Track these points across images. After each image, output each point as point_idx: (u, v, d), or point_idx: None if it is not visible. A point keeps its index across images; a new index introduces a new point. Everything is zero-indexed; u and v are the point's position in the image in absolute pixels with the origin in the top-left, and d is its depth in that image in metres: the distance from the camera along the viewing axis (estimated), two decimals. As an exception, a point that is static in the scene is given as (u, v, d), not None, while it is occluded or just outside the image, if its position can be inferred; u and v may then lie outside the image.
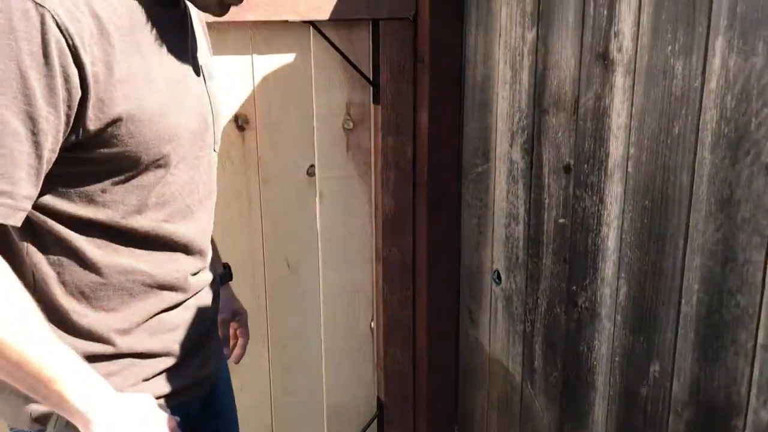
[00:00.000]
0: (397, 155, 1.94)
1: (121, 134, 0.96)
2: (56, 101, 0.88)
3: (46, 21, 0.85)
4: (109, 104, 0.93)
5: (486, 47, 1.75)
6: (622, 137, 1.37)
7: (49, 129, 0.88)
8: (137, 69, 0.96)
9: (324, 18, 1.77)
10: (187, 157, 1.08)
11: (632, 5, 1.31)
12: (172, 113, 1.02)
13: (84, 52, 0.89)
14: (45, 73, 0.86)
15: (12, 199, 0.87)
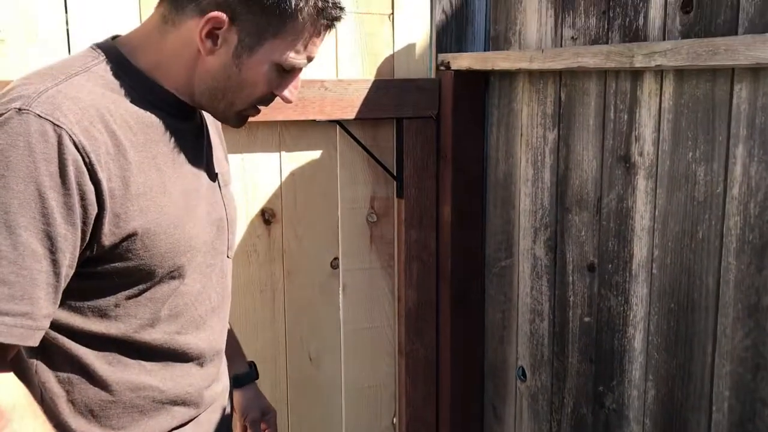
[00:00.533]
0: (420, 248, 1.96)
1: (136, 248, 0.97)
2: (74, 219, 0.90)
3: (64, 140, 0.88)
4: (125, 219, 0.95)
5: (507, 145, 1.79)
6: (646, 239, 1.38)
7: (66, 246, 0.90)
8: (153, 183, 0.99)
9: (350, 117, 1.83)
10: (200, 266, 1.08)
11: (652, 111, 1.34)
12: (187, 224, 1.03)
13: (100, 169, 0.91)
14: (63, 192, 0.88)
15: (32, 320, 0.88)
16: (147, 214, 0.97)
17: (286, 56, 1.03)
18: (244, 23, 1.00)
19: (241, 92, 1.05)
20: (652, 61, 1.22)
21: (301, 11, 1.00)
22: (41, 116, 0.88)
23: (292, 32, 1.01)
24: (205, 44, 1.01)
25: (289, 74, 1.07)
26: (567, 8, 1.53)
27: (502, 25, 1.76)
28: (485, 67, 1.71)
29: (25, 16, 1.52)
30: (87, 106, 0.93)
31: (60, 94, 0.92)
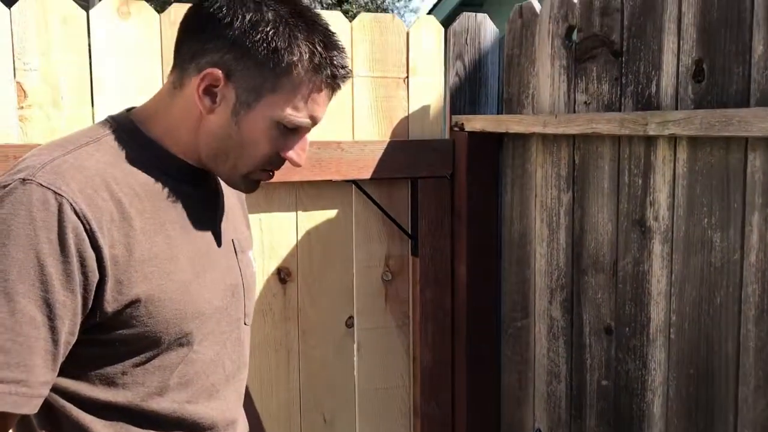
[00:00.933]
0: (435, 307, 1.96)
1: (140, 314, 0.96)
2: (73, 285, 0.90)
3: (64, 208, 0.89)
4: (128, 285, 0.94)
5: (522, 205, 1.80)
6: (663, 303, 1.37)
7: (65, 313, 0.90)
8: (160, 249, 0.98)
9: (366, 177, 1.85)
10: (213, 333, 1.06)
11: (666, 177, 1.35)
12: (196, 290, 1.02)
13: (102, 235, 0.91)
14: (62, 260, 0.89)
15: (27, 387, 0.88)
16: (151, 280, 0.96)
17: (285, 113, 1.00)
18: (240, 79, 0.99)
19: (242, 152, 1.02)
20: (666, 129, 1.24)
21: (296, 66, 0.98)
22: (43, 185, 0.90)
23: (288, 88, 0.99)
24: (204, 102, 1.00)
25: (293, 134, 1.03)
26: (580, 74, 1.56)
27: (515, 88, 1.79)
28: (499, 129, 1.73)
29: (50, 81, 1.56)
30: (92, 174, 0.94)
31: (65, 163, 0.94)
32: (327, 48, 1.00)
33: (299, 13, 1.00)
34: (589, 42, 1.52)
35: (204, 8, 1.01)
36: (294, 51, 0.98)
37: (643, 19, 1.38)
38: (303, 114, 1.01)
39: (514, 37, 1.78)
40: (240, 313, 1.13)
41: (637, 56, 1.40)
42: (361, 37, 1.86)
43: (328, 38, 1.02)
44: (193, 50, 1.01)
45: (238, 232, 1.17)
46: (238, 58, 0.98)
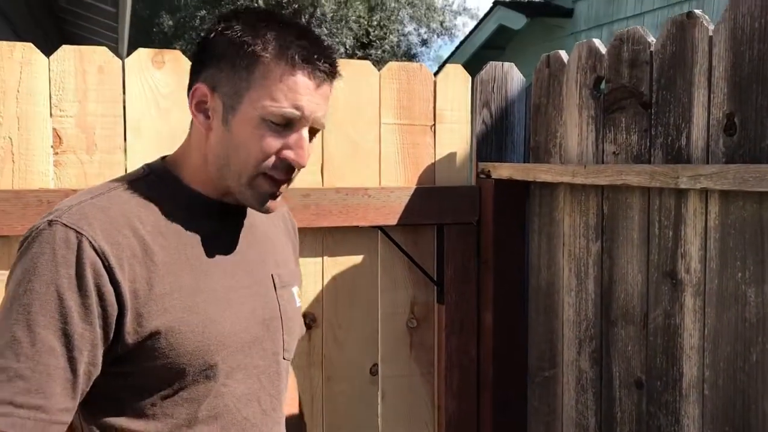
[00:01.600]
0: (461, 355, 1.94)
1: (161, 346, 0.99)
2: (91, 318, 0.95)
3: (83, 246, 0.95)
4: (148, 318, 0.98)
5: (550, 253, 1.79)
6: (696, 358, 1.35)
7: (84, 344, 0.95)
8: (183, 283, 1.02)
9: (392, 223, 1.86)
10: (245, 367, 1.07)
11: (698, 229, 1.34)
12: (220, 323, 1.04)
13: (121, 271, 0.97)
14: (80, 294, 0.94)
15: (45, 413, 0.92)
16: (172, 313, 1.00)
17: (266, 106, 1.01)
18: (222, 87, 1.03)
19: (239, 158, 1.03)
20: (698, 183, 1.24)
21: (262, 54, 1.01)
22: (67, 225, 0.96)
23: (261, 79, 1.01)
24: (200, 119, 1.05)
25: (287, 130, 1.03)
26: (608, 124, 1.56)
27: (542, 136, 1.80)
28: (526, 178, 1.74)
29: (85, 128, 1.60)
30: (116, 215, 1.00)
31: (90, 206, 1.00)
32: (297, 37, 1.02)
33: (275, 19, 1.05)
34: (617, 93, 1.53)
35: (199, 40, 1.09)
36: (258, 42, 1.01)
37: (673, 72, 1.39)
38: (285, 104, 1.01)
39: (542, 86, 1.79)
40: (277, 347, 1.13)
41: (666, 108, 1.40)
42: (389, 86, 1.88)
43: (304, 31, 1.04)
44: (190, 79, 1.08)
45: (280, 267, 1.18)
46: (217, 67, 1.03)
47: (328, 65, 1.04)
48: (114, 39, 6.52)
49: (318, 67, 1.02)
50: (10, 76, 1.54)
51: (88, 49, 1.60)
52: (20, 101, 1.55)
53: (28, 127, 1.56)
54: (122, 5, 4.98)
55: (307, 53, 1.02)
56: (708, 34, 1.31)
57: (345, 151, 1.85)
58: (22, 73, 1.55)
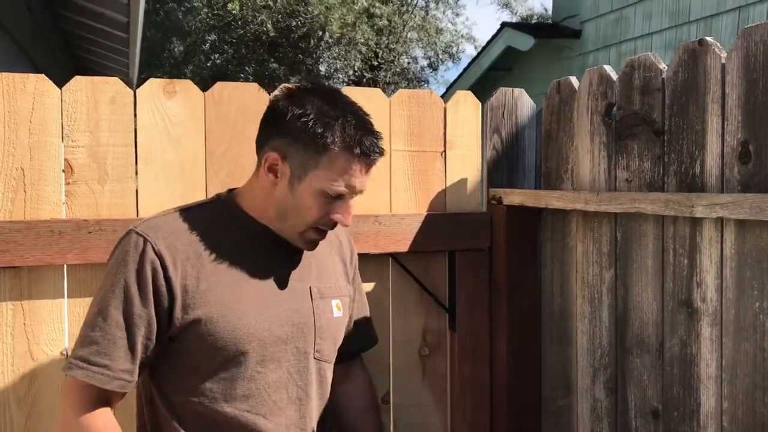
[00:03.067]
0: (474, 383, 1.92)
1: (202, 332, 1.28)
2: (148, 303, 1.27)
3: (147, 248, 1.28)
4: (193, 308, 1.28)
5: (563, 280, 1.77)
6: (714, 388, 1.33)
7: (142, 323, 1.27)
8: (225, 282, 1.30)
9: (403, 250, 1.85)
10: (277, 359, 1.33)
11: (713, 258, 1.32)
12: (253, 319, 1.31)
13: (174, 269, 1.28)
14: (140, 284, 1.26)
15: (110, 371, 1.25)
16: (212, 306, 1.28)
17: (327, 184, 1.29)
18: (293, 159, 1.31)
19: (298, 215, 1.32)
20: (713, 212, 1.22)
21: (331, 145, 1.28)
22: (139, 233, 1.29)
23: (327, 164, 1.29)
24: (269, 177, 1.33)
25: (338, 200, 1.32)
26: (620, 150, 1.55)
27: (553, 162, 1.79)
28: (538, 204, 1.72)
29: (97, 158, 1.60)
30: (178, 227, 1.32)
31: (161, 219, 1.34)
32: (357, 128, 1.30)
33: (335, 103, 1.32)
34: (629, 120, 1.52)
35: (272, 106, 1.36)
36: (329, 135, 1.28)
37: (686, 99, 1.38)
38: (340, 184, 1.30)
39: (552, 112, 1.79)
40: (308, 347, 1.38)
41: (679, 136, 1.39)
42: (399, 113, 1.88)
43: (359, 120, 1.32)
44: (263, 139, 1.36)
45: (322, 281, 1.43)
46: (290, 143, 1.31)
47: (378, 154, 1.32)
48: (125, 64, 6.58)
49: (371, 158, 1.31)
50: (23, 106, 1.54)
51: (100, 80, 1.61)
52: (32, 132, 1.55)
53: (40, 158, 1.56)
54: (133, 31, 5.03)
55: (365, 147, 1.29)
56: (720, 62, 1.30)
57: (355, 178, 1.84)
58: (35, 104, 1.55)
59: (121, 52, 6.07)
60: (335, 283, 1.48)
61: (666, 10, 6.13)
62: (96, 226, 1.55)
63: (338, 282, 1.49)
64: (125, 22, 4.91)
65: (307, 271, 1.41)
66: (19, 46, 4.27)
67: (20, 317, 1.55)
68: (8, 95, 1.53)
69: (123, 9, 4.63)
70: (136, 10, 4.56)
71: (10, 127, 1.54)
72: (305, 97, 1.32)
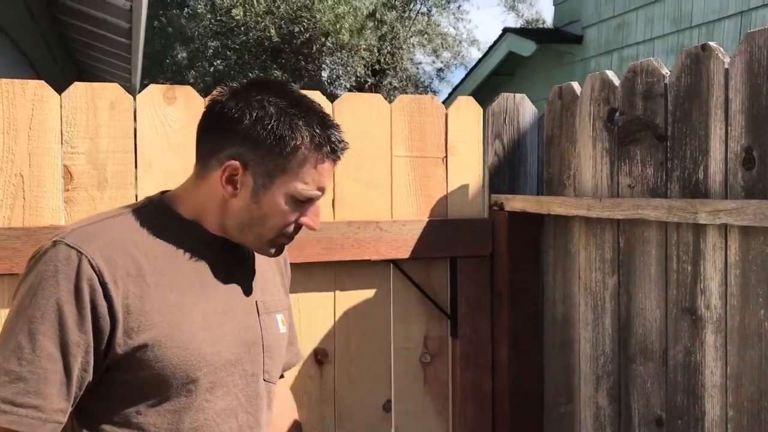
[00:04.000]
0: (475, 390, 1.91)
1: (148, 358, 1.10)
2: (86, 327, 1.07)
3: (83, 264, 1.08)
4: (137, 331, 1.10)
5: (565, 287, 1.76)
6: (718, 397, 1.31)
7: (78, 351, 1.07)
8: (171, 302, 1.13)
9: (404, 257, 1.84)
10: (225, 384, 1.18)
11: (717, 265, 1.31)
12: (203, 341, 1.15)
13: (115, 287, 1.09)
14: (77, 305, 1.07)
15: (42, 413, 1.05)
16: (159, 329, 1.11)
17: (296, 188, 1.17)
18: (255, 167, 1.16)
19: (265, 225, 1.19)
20: (717, 219, 1.21)
21: (299, 149, 1.16)
22: (69, 245, 1.09)
23: (296, 167, 1.17)
24: (227, 189, 1.18)
25: (306, 203, 1.20)
26: (623, 156, 1.54)
27: (555, 168, 1.78)
28: (540, 210, 1.71)
29: (97, 164, 1.59)
30: (113, 238, 1.13)
31: (91, 228, 1.14)
32: (323, 128, 1.18)
33: (297, 102, 1.19)
34: (632, 125, 1.51)
35: (216, 109, 1.19)
36: (296, 136, 1.16)
37: (689, 104, 1.37)
38: (312, 186, 1.19)
39: (554, 118, 1.78)
40: (257, 369, 1.23)
41: (682, 141, 1.38)
42: (401, 118, 1.87)
43: (323, 120, 1.20)
44: (211, 146, 1.19)
45: (266, 294, 1.29)
46: (251, 149, 1.16)
47: (343, 151, 1.22)
48: (127, 70, 6.58)
49: (339, 155, 1.21)
50: (22, 113, 1.54)
51: (100, 86, 1.60)
52: (32, 138, 1.55)
53: (40, 164, 1.55)
54: (135, 37, 5.03)
55: (333, 145, 1.19)
56: (724, 67, 1.29)
57: (356, 184, 1.83)
58: (34, 110, 1.55)
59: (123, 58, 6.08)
60: (277, 296, 1.34)
61: (668, 15, 6.12)
62: (95, 232, 1.55)
63: (279, 294, 1.36)
64: (127, 28, 4.91)
65: (252, 283, 1.27)
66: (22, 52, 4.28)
67: (19, 324, 1.54)
68: (8, 101, 1.53)
69: (125, 15, 4.63)
70: (138, 16, 4.56)
71: (9, 134, 1.53)
72: (254, 95, 1.16)
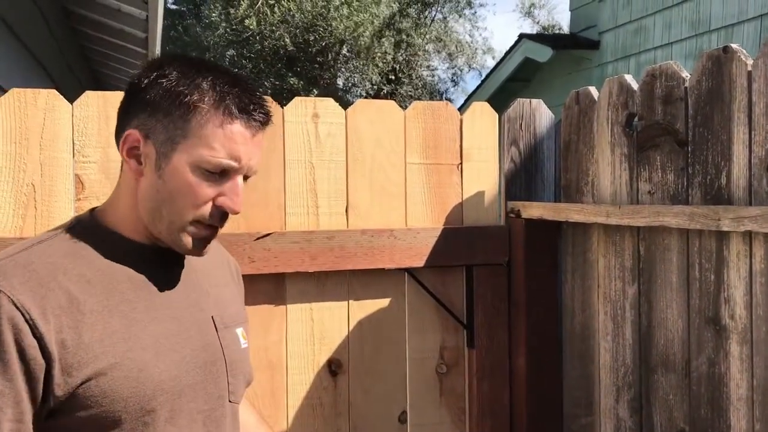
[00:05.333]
0: (493, 402, 1.87)
1: (94, 394, 0.97)
2: (10, 374, 0.93)
3: (2, 302, 0.94)
4: (77, 367, 0.96)
5: (584, 296, 1.72)
6: (744, 410, 1.27)
7: (6, 402, 0.92)
8: (114, 329, 1.00)
9: (419, 265, 1.81)
10: (188, 412, 1.05)
11: (742, 273, 1.27)
12: (157, 367, 1.02)
13: (45, 323, 0.95)
14: (5, 353, 0.92)
15: None
16: (103, 360, 0.98)
17: (201, 155, 1.02)
18: (156, 134, 1.04)
19: (173, 205, 1.04)
20: (741, 226, 1.17)
21: (198, 107, 1.02)
22: None
23: (197, 129, 1.02)
24: (131, 165, 1.06)
25: (222, 179, 1.04)
26: (642, 162, 1.50)
27: (573, 174, 1.74)
28: (558, 218, 1.68)
29: (108, 174, 1.58)
30: (37, 268, 0.99)
31: (11, 262, 0.99)
32: (231, 85, 1.04)
33: (202, 64, 1.06)
34: (651, 130, 1.48)
35: (129, 83, 1.08)
36: (194, 91, 1.02)
37: (710, 108, 1.33)
38: (220, 153, 1.02)
39: (571, 123, 1.75)
40: (222, 390, 1.12)
41: (704, 146, 1.35)
42: (415, 125, 1.85)
43: (234, 78, 1.05)
44: (119, 126, 1.08)
45: (221, 308, 1.17)
46: (150, 115, 1.04)
47: (263, 114, 1.06)
48: (144, 79, 6.62)
49: (254, 116, 1.04)
50: (34, 122, 1.53)
51: (112, 95, 1.59)
52: (43, 147, 1.54)
53: (51, 174, 1.55)
54: (151, 46, 5.06)
55: (244, 103, 1.04)
56: (746, 69, 1.25)
57: (369, 191, 1.81)
58: (46, 120, 1.54)
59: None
60: (234, 308, 1.22)
61: (686, 19, 6.06)
62: (107, 242, 1.53)
63: (237, 307, 1.24)
64: (144, 37, 4.94)
65: (204, 296, 1.15)
66: (38, 61, 4.31)
67: (31, 335, 1.53)
68: (20, 111, 1.52)
69: (141, 25, 4.65)
70: (154, 26, 4.59)
71: (22, 143, 1.52)
72: (167, 63, 1.06)
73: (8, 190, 1.52)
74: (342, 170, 1.78)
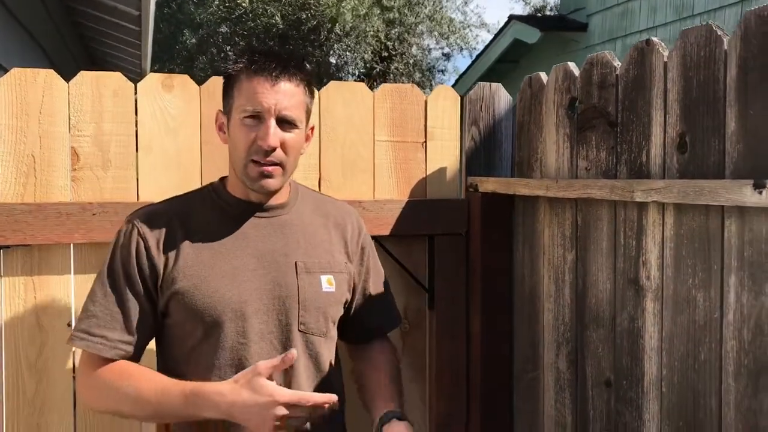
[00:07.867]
0: (451, 359, 2.06)
1: (182, 303, 1.41)
2: (134, 281, 1.42)
3: (134, 232, 1.44)
4: (172, 281, 1.42)
5: (532, 262, 1.91)
6: (655, 358, 1.46)
7: (135, 298, 1.42)
8: (203, 259, 1.43)
9: (386, 234, 1.98)
10: (259, 331, 1.42)
11: (656, 239, 1.45)
12: (229, 292, 1.41)
13: (156, 249, 1.43)
14: (130, 264, 1.42)
15: (108, 341, 1.40)
16: (189, 280, 1.41)
17: (239, 109, 1.40)
18: (225, 108, 1.47)
19: (236, 151, 1.43)
20: (649, 197, 1.35)
21: (232, 76, 1.43)
22: (129, 221, 1.47)
23: (237, 93, 1.42)
24: (221, 137, 1.50)
25: (257, 124, 1.39)
26: (581, 142, 1.68)
27: (525, 152, 1.92)
28: (508, 191, 1.86)
29: (101, 146, 1.75)
30: (161, 213, 1.47)
31: (152, 207, 1.51)
32: (254, 52, 1.42)
33: (251, 49, 1.47)
34: (588, 113, 1.65)
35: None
36: (231, 66, 1.45)
37: (635, 93, 1.50)
38: (249, 103, 1.39)
39: (525, 106, 1.92)
40: (292, 320, 1.46)
41: (629, 127, 1.52)
42: (382, 105, 2.01)
43: (269, 50, 1.54)
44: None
45: (309, 256, 1.51)
46: (222, 96, 1.48)
47: (280, 68, 1.40)
48: (138, 56, 6.74)
49: (269, 70, 1.39)
50: (34, 99, 1.69)
51: (104, 75, 1.76)
52: (42, 122, 1.70)
53: (49, 146, 1.71)
54: (145, 24, 5.18)
55: (263, 62, 1.40)
56: (663, 60, 1.42)
57: (341, 165, 1.98)
58: (44, 97, 1.70)
59: (133, 45, 6.23)
60: (328, 259, 1.52)
61: (671, 3, 6.20)
62: (100, 208, 1.70)
63: (333, 258, 1.53)
64: (137, 15, 5.06)
65: (294, 246, 1.49)
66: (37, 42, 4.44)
67: (31, 291, 1.70)
68: (20, 88, 1.68)
69: (134, 2, 4.77)
70: (147, 3, 4.71)
71: (22, 118, 1.69)
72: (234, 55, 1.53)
73: (11, 160, 1.68)
74: (315, 146, 1.95)
